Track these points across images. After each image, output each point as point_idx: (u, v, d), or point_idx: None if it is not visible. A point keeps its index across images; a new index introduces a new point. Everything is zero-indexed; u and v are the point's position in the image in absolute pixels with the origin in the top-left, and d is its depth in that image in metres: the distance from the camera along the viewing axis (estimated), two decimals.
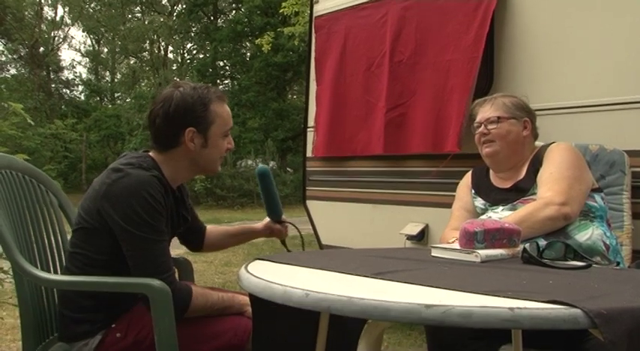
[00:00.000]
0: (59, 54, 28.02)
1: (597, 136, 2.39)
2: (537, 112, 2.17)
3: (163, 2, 28.63)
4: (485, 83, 2.93)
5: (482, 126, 2.07)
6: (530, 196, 1.92)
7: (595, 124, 2.53)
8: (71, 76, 28.54)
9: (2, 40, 24.91)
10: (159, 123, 1.67)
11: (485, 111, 2.08)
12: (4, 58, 25.32)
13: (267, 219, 2.07)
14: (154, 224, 1.59)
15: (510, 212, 1.88)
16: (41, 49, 25.73)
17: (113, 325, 1.64)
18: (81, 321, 1.64)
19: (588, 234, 1.79)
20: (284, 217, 2.07)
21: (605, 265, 1.73)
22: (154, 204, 1.58)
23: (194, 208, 2.02)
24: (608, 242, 1.82)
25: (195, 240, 2.06)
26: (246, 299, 1.69)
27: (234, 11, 26.46)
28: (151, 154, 1.73)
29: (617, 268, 1.75)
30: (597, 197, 1.91)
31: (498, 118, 2.04)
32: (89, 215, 1.64)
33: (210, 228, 2.11)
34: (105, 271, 1.62)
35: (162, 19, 28.04)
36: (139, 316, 1.62)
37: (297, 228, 2.08)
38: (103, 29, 28.47)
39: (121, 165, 1.63)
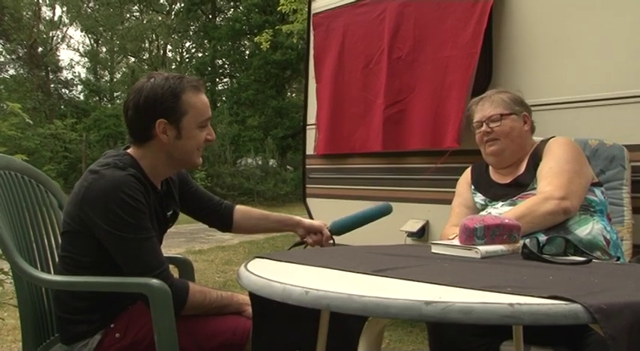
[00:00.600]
0: (58, 54, 28.01)
1: (597, 131, 2.38)
2: (536, 108, 2.17)
3: (161, 1, 28.64)
4: (484, 79, 2.93)
5: (484, 125, 2.05)
6: (530, 191, 1.91)
7: (594, 118, 2.53)
8: (70, 76, 28.60)
9: (0, 41, 24.89)
10: (130, 115, 1.65)
11: (485, 109, 2.07)
12: (2, 59, 25.31)
13: (328, 225, 2.03)
14: (136, 223, 1.56)
15: (510, 207, 1.88)
16: (40, 49, 25.71)
17: (112, 325, 1.63)
18: (77, 322, 1.64)
19: (588, 229, 1.79)
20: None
21: (605, 260, 1.73)
22: (132, 203, 1.55)
23: (201, 189, 2.00)
24: (608, 237, 1.81)
25: (220, 220, 2.01)
26: (246, 299, 1.68)
27: (232, 9, 26.46)
28: (129, 151, 1.70)
29: (618, 263, 1.75)
30: (597, 191, 1.91)
31: (501, 115, 2.03)
32: (71, 219, 1.62)
33: (244, 209, 2.06)
34: (93, 272, 1.61)
35: (160, 18, 28.05)
36: (138, 316, 1.61)
37: (334, 241, 2.07)
38: (101, 29, 28.47)
39: (97, 166, 1.61)
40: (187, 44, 29.29)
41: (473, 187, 2.13)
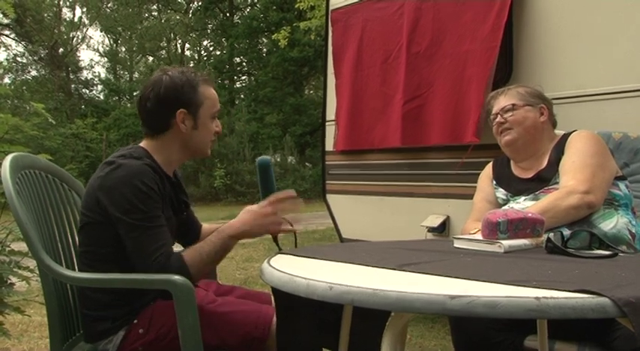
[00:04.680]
0: (78, 54, 28.39)
1: (620, 124, 2.35)
2: (559, 101, 2.14)
3: (179, 0, 28.78)
4: (504, 73, 2.90)
5: (499, 116, 2.05)
6: (553, 186, 1.89)
7: (618, 111, 2.49)
8: (90, 76, 28.95)
9: (23, 42, 25.26)
10: (150, 107, 1.70)
11: (500, 101, 2.08)
12: (24, 60, 25.70)
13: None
14: (146, 211, 1.59)
15: (533, 202, 1.86)
16: (60, 50, 26.03)
17: (135, 321, 1.65)
18: (102, 319, 1.66)
19: (613, 223, 1.76)
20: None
21: (631, 254, 1.70)
22: (146, 191, 1.59)
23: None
24: (633, 231, 1.79)
25: (192, 233, 1.98)
26: (234, 225, 1.66)
27: (249, 7, 26.53)
28: (142, 144, 1.76)
29: None
30: (622, 185, 1.88)
31: (513, 105, 2.02)
32: (88, 210, 1.66)
33: (206, 226, 2.05)
34: (112, 264, 1.64)
35: (178, 17, 28.23)
36: (160, 312, 1.63)
37: (291, 225, 1.77)
38: (120, 29, 28.74)
39: (113, 158, 1.66)
40: (205, 42, 29.45)
41: (494, 181, 2.11)
